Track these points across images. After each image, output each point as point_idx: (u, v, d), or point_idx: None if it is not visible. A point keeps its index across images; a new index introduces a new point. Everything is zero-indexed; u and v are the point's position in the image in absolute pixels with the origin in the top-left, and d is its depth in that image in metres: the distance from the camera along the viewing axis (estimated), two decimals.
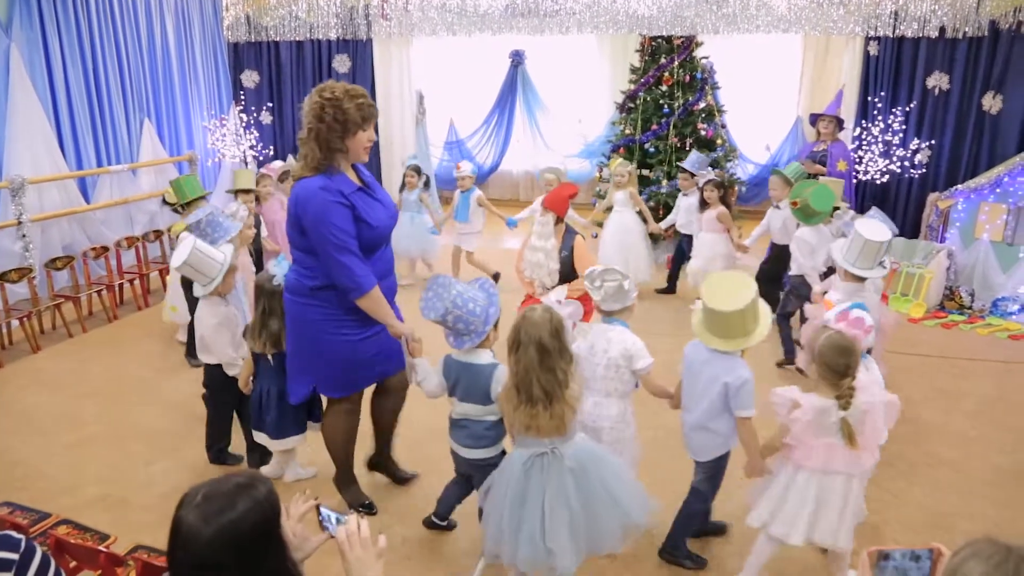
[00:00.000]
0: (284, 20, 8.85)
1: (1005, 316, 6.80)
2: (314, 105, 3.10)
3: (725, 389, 2.95)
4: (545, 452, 2.73)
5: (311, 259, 3.23)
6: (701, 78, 8.49)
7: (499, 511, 2.81)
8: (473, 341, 3.04)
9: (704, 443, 3.13)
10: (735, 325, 2.92)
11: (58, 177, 7.01)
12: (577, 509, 2.73)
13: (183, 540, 1.49)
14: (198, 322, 3.98)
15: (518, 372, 2.68)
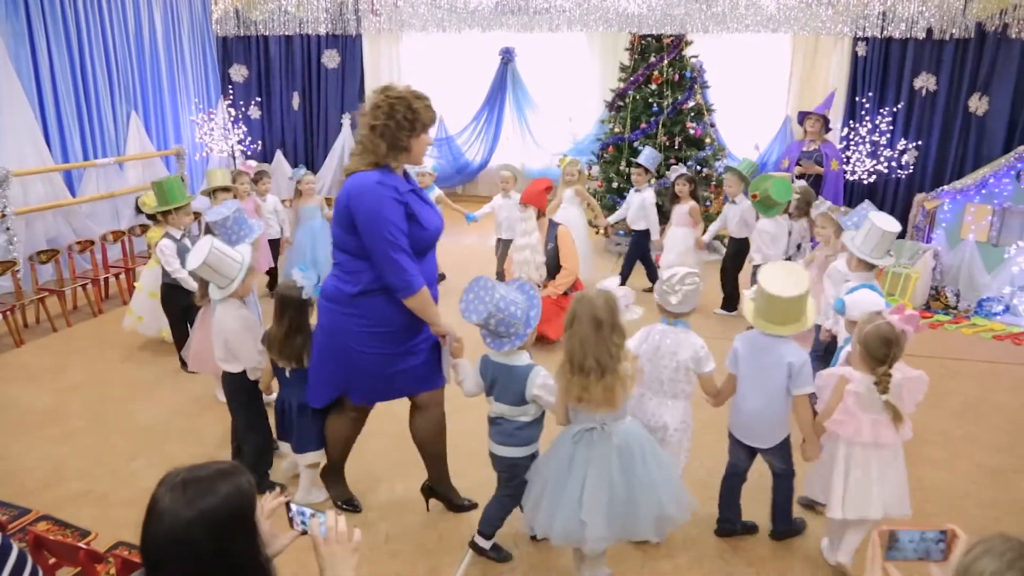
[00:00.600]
0: (273, 14, 8.80)
1: (990, 316, 6.84)
2: (383, 101, 3.05)
3: (789, 369, 3.10)
4: (595, 427, 2.83)
5: (355, 261, 3.13)
6: (690, 77, 8.51)
7: (542, 482, 2.95)
8: (513, 344, 3.02)
9: (772, 427, 3.27)
10: (793, 311, 3.11)
11: (43, 170, 6.95)
12: (617, 488, 2.83)
13: (159, 517, 1.48)
14: (220, 327, 3.65)
15: (572, 345, 2.77)
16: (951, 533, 1.57)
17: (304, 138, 9.79)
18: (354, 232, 3.07)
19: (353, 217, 3.04)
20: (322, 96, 9.59)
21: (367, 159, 3.09)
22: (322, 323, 3.30)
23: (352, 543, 1.75)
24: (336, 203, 3.16)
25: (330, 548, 1.72)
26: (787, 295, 3.06)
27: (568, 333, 2.80)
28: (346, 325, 3.19)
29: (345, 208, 3.07)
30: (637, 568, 3.34)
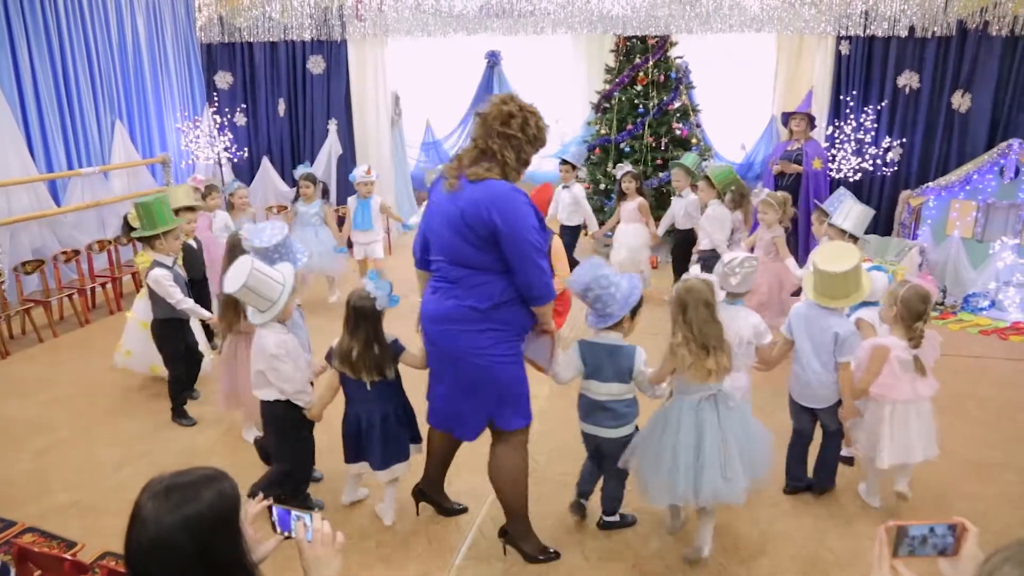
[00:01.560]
0: (257, 21, 8.77)
1: (976, 312, 6.89)
2: (519, 113, 2.95)
3: (835, 339, 3.52)
4: (713, 393, 3.17)
5: (478, 275, 2.96)
6: (676, 78, 8.54)
7: (671, 457, 3.15)
8: (606, 322, 3.25)
9: (829, 389, 3.65)
10: (842, 285, 3.51)
11: (27, 180, 6.90)
12: (741, 444, 3.18)
13: (142, 524, 1.48)
14: (261, 353, 3.41)
15: (693, 329, 3.10)
16: (960, 526, 1.54)
17: (291, 144, 9.75)
18: (484, 244, 2.89)
19: (495, 227, 2.84)
20: (308, 102, 9.55)
21: (496, 169, 2.93)
22: (446, 351, 3.07)
23: (336, 545, 1.74)
24: (462, 216, 2.89)
25: (315, 551, 1.71)
26: (837, 271, 3.49)
27: (683, 320, 3.12)
28: (484, 341, 3.01)
29: (485, 219, 2.85)
30: (628, 568, 3.35)
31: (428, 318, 3.11)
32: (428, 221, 3.13)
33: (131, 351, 5.13)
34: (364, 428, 3.47)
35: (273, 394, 3.46)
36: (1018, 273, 6.80)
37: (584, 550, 3.47)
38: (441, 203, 3.02)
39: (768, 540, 3.54)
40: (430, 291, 3.13)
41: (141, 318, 5.02)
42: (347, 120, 9.60)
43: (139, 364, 5.14)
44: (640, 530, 3.61)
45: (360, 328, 3.33)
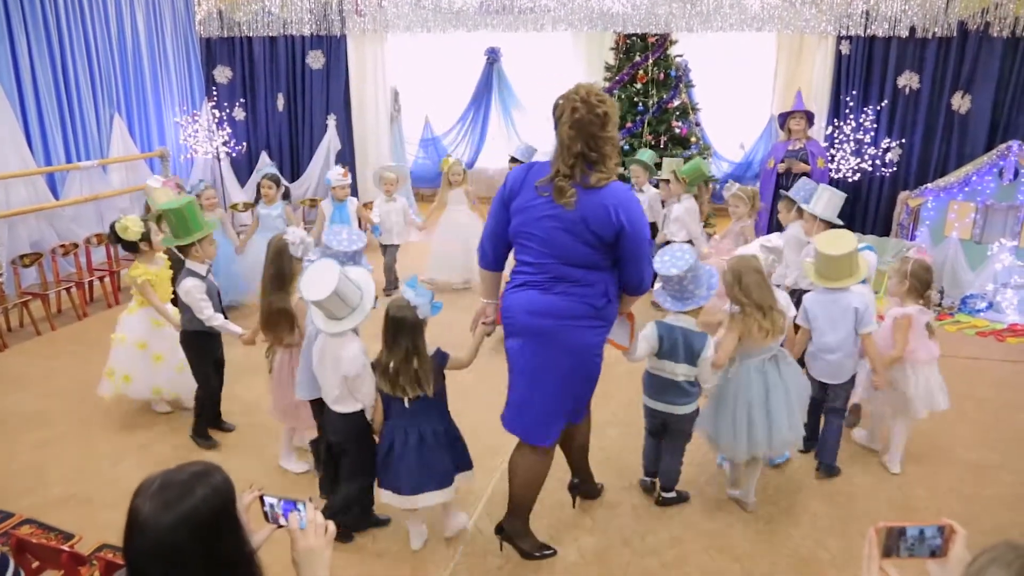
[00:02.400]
0: (257, 15, 8.76)
1: (973, 313, 6.90)
2: (610, 111, 2.87)
3: (855, 313, 3.80)
4: (775, 353, 3.57)
5: (592, 273, 2.95)
6: (675, 76, 8.53)
7: (746, 416, 3.52)
8: (697, 303, 3.45)
9: (845, 365, 3.92)
10: (844, 267, 3.79)
11: (26, 173, 6.89)
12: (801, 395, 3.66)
13: (140, 527, 1.47)
14: (338, 364, 3.20)
15: (751, 295, 3.45)
16: (948, 528, 1.55)
17: (289, 139, 9.75)
18: (602, 245, 2.89)
19: (621, 228, 2.85)
20: (307, 97, 9.55)
21: (608, 173, 2.91)
22: (567, 346, 2.99)
23: (328, 536, 1.75)
24: (585, 221, 2.86)
25: (307, 542, 1.71)
26: (838, 254, 3.77)
27: (740, 288, 3.47)
28: (594, 339, 3.02)
29: (612, 222, 2.84)
30: (624, 565, 3.35)
31: (538, 312, 2.99)
32: (522, 225, 3.01)
33: (130, 376, 4.55)
34: (397, 448, 3.23)
35: (354, 406, 3.30)
36: (1016, 275, 6.81)
37: (579, 547, 3.48)
38: (546, 208, 2.92)
39: (764, 539, 3.55)
40: (521, 288, 3.05)
41: (138, 338, 4.58)
42: (346, 116, 9.60)
43: (142, 389, 4.62)
44: (635, 527, 3.62)
45: (399, 340, 3.14)
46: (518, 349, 3.08)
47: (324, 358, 3.27)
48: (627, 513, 3.74)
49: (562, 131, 2.87)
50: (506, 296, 3.13)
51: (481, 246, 3.24)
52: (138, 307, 4.62)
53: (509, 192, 3.06)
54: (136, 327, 4.60)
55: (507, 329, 3.11)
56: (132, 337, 4.59)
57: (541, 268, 2.97)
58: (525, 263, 3.04)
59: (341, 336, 3.18)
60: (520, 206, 3.00)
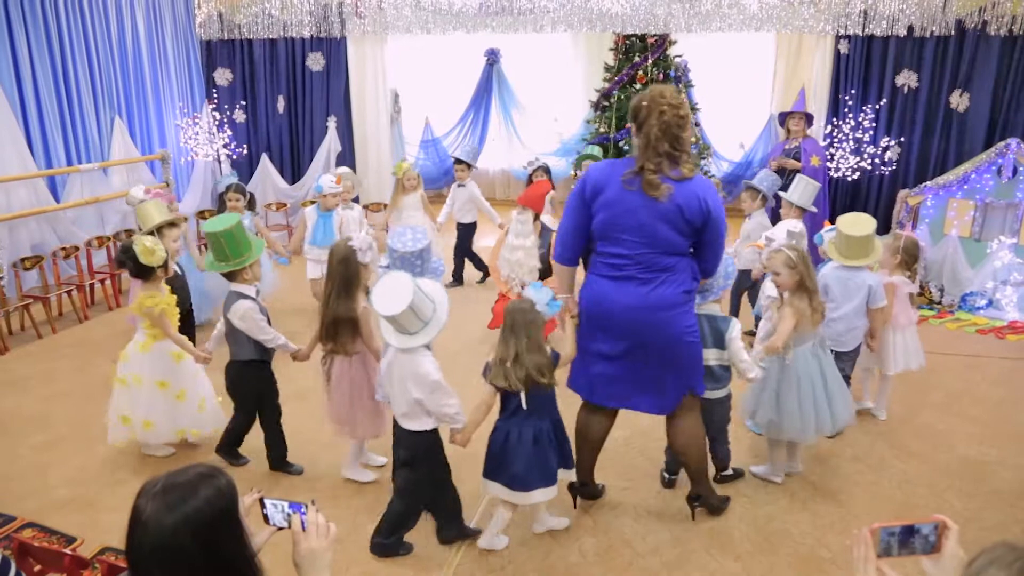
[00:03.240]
0: (257, 18, 8.76)
1: (973, 311, 6.90)
2: (687, 113, 3.16)
3: (869, 290, 4.21)
4: (821, 337, 3.86)
5: (684, 260, 3.22)
6: (675, 76, 8.55)
7: (810, 399, 3.74)
8: (705, 298, 3.55)
9: (854, 335, 4.36)
10: (864, 247, 4.21)
11: (26, 176, 6.91)
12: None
13: (143, 527, 1.47)
14: (416, 379, 3.13)
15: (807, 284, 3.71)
16: (942, 524, 1.56)
17: (290, 141, 9.76)
18: (692, 232, 3.15)
19: (708, 214, 3.13)
20: (307, 99, 9.55)
21: (691, 167, 3.17)
22: (672, 332, 3.20)
23: (330, 537, 1.76)
24: (680, 211, 3.07)
25: (309, 543, 1.72)
26: (860, 234, 4.16)
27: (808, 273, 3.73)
28: (688, 320, 3.29)
29: (703, 209, 3.10)
30: (625, 565, 3.36)
31: (637, 307, 3.17)
32: (614, 218, 3.17)
33: (151, 421, 4.08)
34: (511, 444, 3.24)
35: (425, 423, 3.23)
36: (1015, 272, 6.81)
37: (581, 547, 3.49)
38: (639, 201, 3.11)
39: (765, 538, 3.56)
40: (613, 280, 3.22)
41: (158, 376, 4.10)
42: (346, 117, 9.60)
43: (165, 433, 4.17)
44: (637, 527, 3.63)
45: (518, 337, 3.17)
46: (615, 342, 3.27)
47: (393, 373, 3.23)
48: (628, 513, 3.75)
49: (650, 132, 3.09)
50: (595, 288, 3.29)
51: (560, 242, 3.39)
52: (152, 341, 4.10)
53: (592, 189, 3.21)
54: (154, 365, 4.11)
55: (598, 321, 3.29)
56: (150, 376, 4.08)
57: (637, 259, 3.17)
58: (618, 255, 3.20)
59: (413, 352, 3.13)
60: (608, 201, 3.18)
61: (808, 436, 3.83)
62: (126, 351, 4.16)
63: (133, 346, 4.15)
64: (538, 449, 3.25)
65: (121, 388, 4.12)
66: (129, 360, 4.13)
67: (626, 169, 3.16)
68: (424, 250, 3.55)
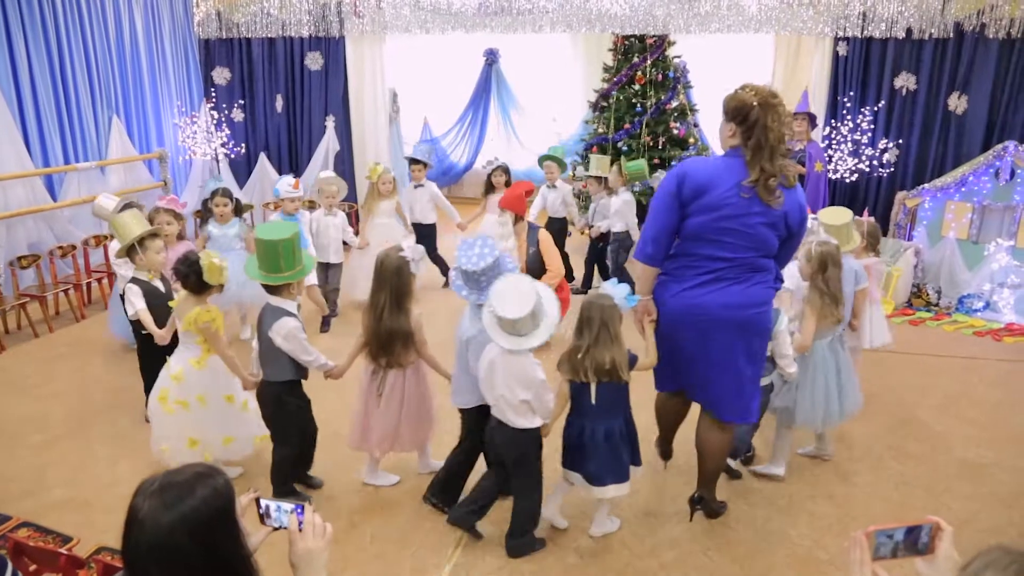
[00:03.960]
0: (256, 17, 8.75)
1: (970, 313, 6.91)
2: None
3: (855, 274, 4.29)
4: (840, 331, 4.00)
5: (773, 261, 3.28)
6: (674, 77, 8.56)
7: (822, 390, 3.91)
8: None
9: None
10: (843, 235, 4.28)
11: (24, 174, 6.89)
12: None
13: (139, 526, 1.47)
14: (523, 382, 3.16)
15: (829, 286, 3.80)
16: (935, 526, 1.56)
17: (288, 141, 9.75)
18: (789, 235, 3.22)
19: (803, 226, 3.25)
20: (306, 98, 9.54)
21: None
22: (760, 329, 3.29)
23: (326, 537, 1.75)
24: (786, 217, 3.12)
25: (306, 543, 1.72)
26: (839, 223, 4.31)
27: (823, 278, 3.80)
28: (770, 318, 3.39)
29: (803, 219, 3.22)
30: (622, 567, 3.36)
31: (735, 305, 3.17)
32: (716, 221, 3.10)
33: (233, 436, 3.90)
34: (587, 440, 3.30)
35: (534, 421, 3.27)
36: (1012, 275, 6.82)
37: (578, 548, 3.48)
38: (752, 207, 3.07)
39: (763, 539, 3.56)
40: (706, 284, 3.19)
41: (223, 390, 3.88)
42: (345, 117, 9.60)
43: (245, 444, 3.97)
44: (634, 529, 3.62)
45: (591, 330, 3.20)
46: (703, 341, 3.24)
47: (497, 375, 3.21)
48: (625, 514, 3.74)
49: (767, 135, 3.00)
50: (682, 288, 3.24)
51: (646, 243, 3.28)
52: (206, 356, 3.84)
53: (692, 190, 3.11)
54: (216, 379, 3.86)
55: (686, 319, 3.24)
56: (216, 392, 3.84)
57: (736, 262, 3.15)
58: (716, 257, 3.15)
59: (519, 354, 3.14)
60: (711, 204, 3.09)
61: (817, 424, 4.02)
62: (178, 373, 3.81)
63: (185, 366, 3.82)
64: (611, 447, 3.29)
65: (183, 412, 3.78)
66: (185, 380, 3.80)
67: (728, 170, 3.09)
68: (492, 266, 3.38)
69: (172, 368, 3.85)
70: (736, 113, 3.07)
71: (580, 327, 3.25)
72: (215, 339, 3.77)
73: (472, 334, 3.44)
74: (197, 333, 3.77)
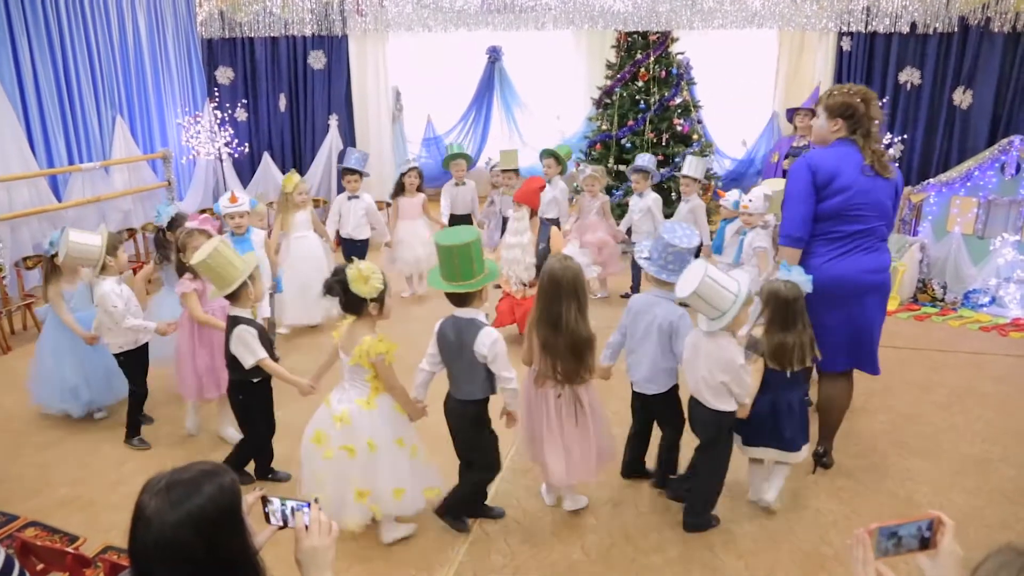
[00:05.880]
0: (258, 16, 8.78)
1: (976, 308, 6.89)
2: None
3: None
4: None
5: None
6: (677, 74, 8.53)
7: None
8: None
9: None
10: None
11: (28, 175, 6.90)
12: None
13: (146, 524, 1.47)
14: (724, 365, 3.29)
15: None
16: (937, 520, 1.57)
17: (291, 139, 9.76)
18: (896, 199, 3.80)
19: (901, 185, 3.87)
20: (309, 97, 9.56)
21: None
22: (888, 289, 3.87)
23: (332, 535, 1.75)
24: (897, 187, 3.76)
25: (312, 541, 1.72)
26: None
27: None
28: None
29: (903, 186, 4.06)
30: (627, 563, 3.36)
31: (874, 270, 3.74)
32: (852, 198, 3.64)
33: (403, 488, 3.41)
34: (780, 412, 3.53)
35: (730, 404, 3.41)
36: (1018, 269, 6.80)
37: (583, 544, 3.48)
38: (875, 183, 3.67)
39: (767, 535, 3.55)
40: (846, 255, 3.71)
41: (395, 433, 3.40)
42: (348, 116, 9.61)
43: (416, 497, 3.48)
44: (639, 525, 3.62)
45: (790, 318, 3.45)
46: (859, 304, 3.75)
47: (700, 357, 3.38)
48: (631, 511, 3.75)
49: (875, 126, 3.75)
50: (828, 262, 3.70)
51: (798, 226, 3.74)
52: (375, 395, 3.37)
53: (825, 177, 3.66)
54: (386, 421, 3.38)
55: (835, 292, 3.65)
56: (386, 436, 3.35)
57: (871, 232, 3.72)
58: (855, 233, 3.70)
59: (717, 337, 3.30)
60: (845, 185, 3.64)
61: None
62: (343, 414, 3.31)
63: (351, 406, 3.34)
64: (802, 413, 3.59)
65: (347, 459, 3.30)
66: (353, 423, 3.31)
67: (847, 157, 3.67)
68: (690, 249, 3.58)
69: (335, 408, 3.35)
70: (843, 110, 3.69)
71: (779, 318, 3.47)
72: (389, 374, 3.32)
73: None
74: (368, 367, 3.29)
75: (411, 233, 7.09)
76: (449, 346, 3.35)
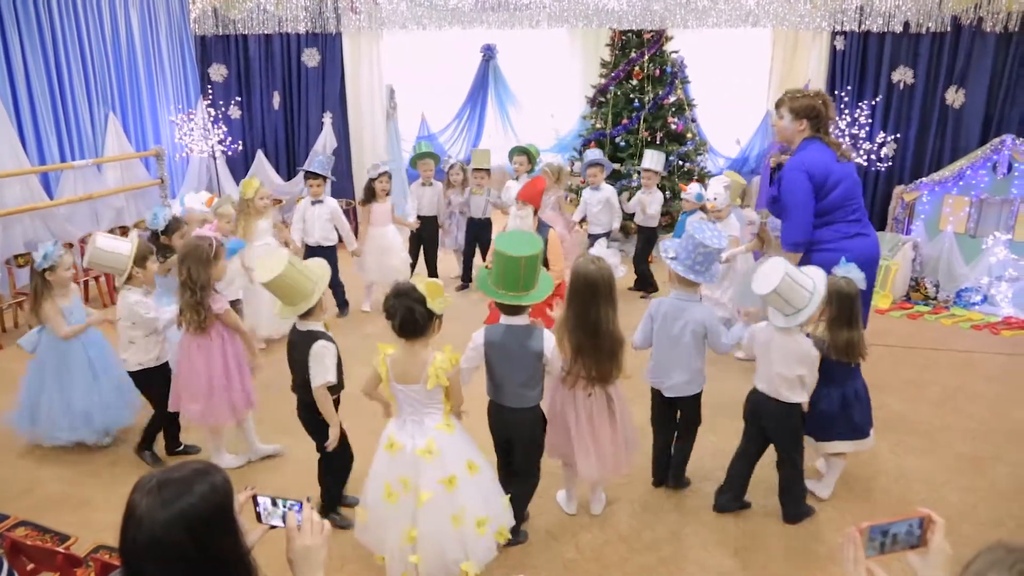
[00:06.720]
0: (252, 13, 8.73)
1: (968, 307, 6.92)
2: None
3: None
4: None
5: None
6: (671, 72, 8.54)
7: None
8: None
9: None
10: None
11: (19, 172, 6.85)
12: None
13: (137, 522, 1.47)
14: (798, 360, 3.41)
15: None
16: (927, 518, 1.57)
17: (285, 137, 9.73)
18: None
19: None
20: (303, 95, 9.52)
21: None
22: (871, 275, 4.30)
23: (323, 534, 1.75)
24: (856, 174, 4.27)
25: (304, 540, 1.71)
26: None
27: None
28: None
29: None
30: (621, 561, 3.36)
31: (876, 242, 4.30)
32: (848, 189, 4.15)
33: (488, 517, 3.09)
34: (851, 401, 3.67)
35: (802, 396, 3.52)
36: (1010, 268, 6.83)
37: (577, 543, 3.48)
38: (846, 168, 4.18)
39: (760, 533, 3.56)
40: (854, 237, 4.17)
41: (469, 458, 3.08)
42: (342, 113, 9.58)
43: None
44: (633, 523, 3.62)
45: (854, 314, 3.57)
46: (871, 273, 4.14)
47: (773, 352, 3.48)
48: (625, 509, 3.75)
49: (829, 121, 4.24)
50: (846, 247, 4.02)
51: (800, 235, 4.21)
52: (446, 417, 3.08)
53: (822, 175, 4.11)
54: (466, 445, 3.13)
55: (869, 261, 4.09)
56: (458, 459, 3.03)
57: (863, 212, 4.25)
58: (852, 219, 4.19)
59: (791, 333, 3.43)
60: (837, 180, 4.13)
61: None
62: (429, 445, 2.94)
63: (434, 434, 2.99)
64: (867, 398, 3.76)
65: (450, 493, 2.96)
66: (443, 451, 2.95)
67: (823, 152, 4.14)
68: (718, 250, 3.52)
69: (413, 444, 2.97)
70: (808, 111, 4.16)
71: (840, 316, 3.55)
72: (458, 383, 3.08)
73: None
74: (446, 384, 2.99)
75: (381, 240, 6.78)
76: (507, 355, 3.23)
